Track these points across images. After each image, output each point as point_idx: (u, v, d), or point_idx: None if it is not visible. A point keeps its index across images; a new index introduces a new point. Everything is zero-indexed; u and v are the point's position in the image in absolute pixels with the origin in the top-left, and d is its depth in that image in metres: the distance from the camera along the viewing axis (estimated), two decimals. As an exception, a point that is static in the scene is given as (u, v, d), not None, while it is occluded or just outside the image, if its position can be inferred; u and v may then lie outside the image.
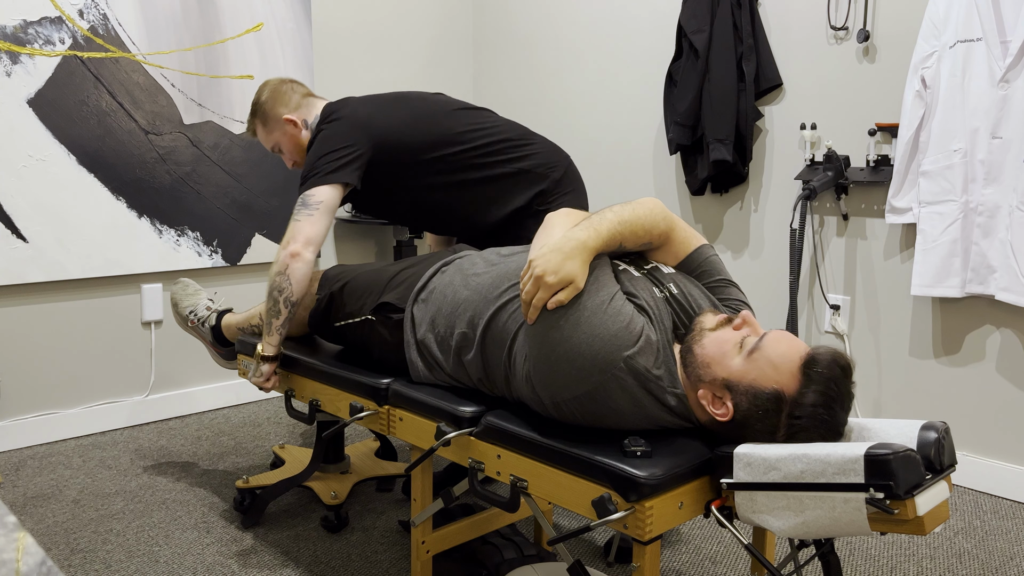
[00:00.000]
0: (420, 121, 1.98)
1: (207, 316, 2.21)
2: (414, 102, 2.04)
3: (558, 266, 1.31)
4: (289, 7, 3.13)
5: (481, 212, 2.04)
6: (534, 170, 2.04)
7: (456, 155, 1.99)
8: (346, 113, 1.97)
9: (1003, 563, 1.98)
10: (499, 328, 1.47)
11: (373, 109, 1.99)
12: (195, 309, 2.23)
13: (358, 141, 1.92)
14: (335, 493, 2.14)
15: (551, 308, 1.31)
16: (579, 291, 1.31)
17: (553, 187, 2.05)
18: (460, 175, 2.00)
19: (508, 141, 2.03)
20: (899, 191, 2.44)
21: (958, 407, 2.47)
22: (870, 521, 1.13)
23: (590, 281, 1.33)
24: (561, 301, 1.30)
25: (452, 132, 1.99)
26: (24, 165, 2.57)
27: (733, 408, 1.28)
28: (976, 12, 2.25)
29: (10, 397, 2.64)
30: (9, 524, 0.54)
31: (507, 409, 1.50)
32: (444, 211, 2.05)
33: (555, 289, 1.31)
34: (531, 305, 1.33)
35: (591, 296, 1.32)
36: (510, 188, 2.03)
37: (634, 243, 1.45)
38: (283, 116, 2.08)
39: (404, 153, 1.96)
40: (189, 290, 2.26)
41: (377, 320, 1.76)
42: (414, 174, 1.99)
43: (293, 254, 1.85)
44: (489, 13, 3.77)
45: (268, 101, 2.09)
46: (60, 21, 2.60)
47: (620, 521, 1.23)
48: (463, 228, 2.09)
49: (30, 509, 2.18)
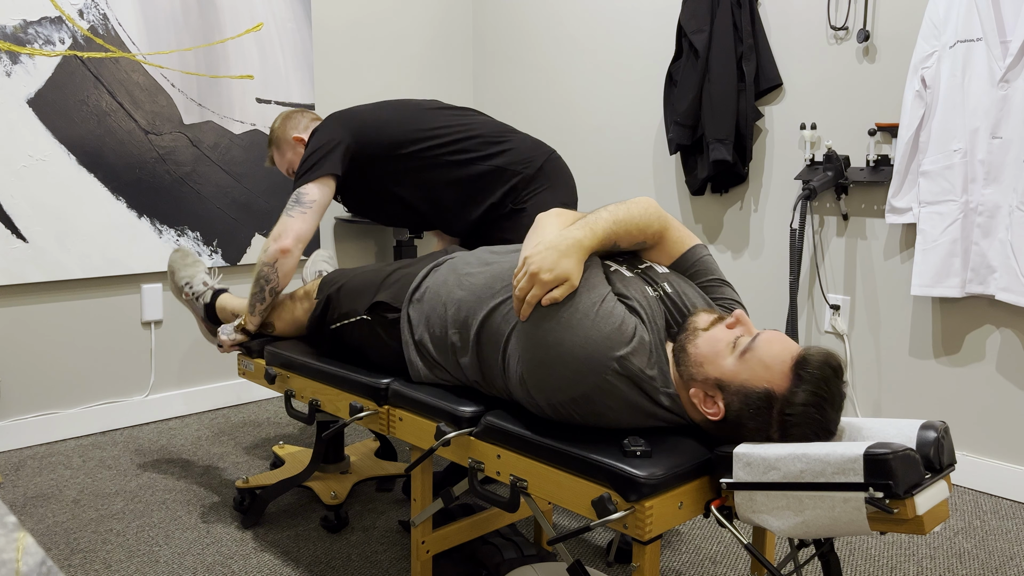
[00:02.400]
0: (397, 119, 2.07)
1: (203, 292, 2.23)
2: (397, 104, 2.13)
3: (553, 263, 1.31)
4: (289, 7, 3.13)
5: (456, 209, 2.09)
6: (508, 167, 2.07)
7: (428, 151, 2.05)
8: (333, 115, 2.10)
9: (1003, 563, 1.98)
10: (493, 330, 1.47)
11: (359, 110, 2.10)
12: (191, 282, 2.23)
13: (339, 134, 2.04)
14: (335, 493, 2.14)
15: (545, 305, 1.31)
16: (574, 289, 1.31)
17: (526, 184, 2.08)
18: (433, 171, 2.06)
19: (481, 137, 2.08)
20: (899, 191, 2.44)
21: (958, 407, 2.47)
22: (870, 521, 1.13)
23: (581, 283, 1.33)
24: (555, 299, 1.30)
25: (425, 128, 2.06)
26: (24, 165, 2.57)
27: (724, 408, 1.28)
28: (976, 12, 2.25)
29: (10, 397, 2.64)
30: (9, 524, 0.54)
31: (507, 409, 1.50)
32: (421, 208, 2.11)
33: (550, 287, 1.31)
34: (524, 302, 1.34)
35: (583, 298, 1.32)
36: (483, 185, 2.07)
37: (628, 242, 1.46)
38: (292, 136, 2.21)
39: (381, 148, 2.05)
40: (188, 259, 2.26)
41: (373, 319, 1.76)
42: (392, 170, 2.07)
43: (284, 250, 1.96)
44: (489, 13, 3.77)
45: (280, 127, 2.23)
46: (60, 21, 2.60)
47: (620, 521, 1.23)
48: (442, 225, 2.14)
49: (30, 509, 2.18)
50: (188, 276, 2.24)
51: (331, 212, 3.41)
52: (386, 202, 2.12)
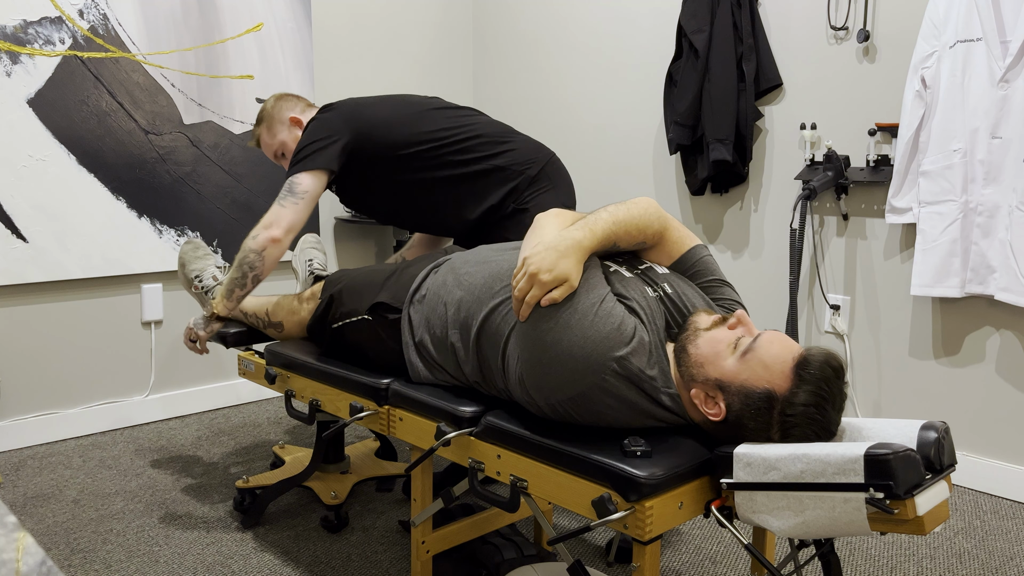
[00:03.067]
0: (399, 118, 2.05)
1: (212, 287, 2.21)
2: (398, 101, 2.10)
3: (553, 264, 1.31)
4: (289, 7, 3.13)
5: (456, 209, 2.08)
6: (509, 167, 2.07)
7: (430, 151, 2.04)
8: (335, 106, 2.07)
9: (1003, 563, 1.98)
10: (492, 330, 1.46)
11: (360, 105, 2.08)
12: (202, 276, 2.20)
13: (340, 130, 2.01)
14: (335, 493, 2.14)
15: (544, 306, 1.31)
16: (573, 290, 1.31)
17: (527, 185, 2.07)
18: (434, 171, 2.05)
19: (482, 137, 2.07)
20: (899, 191, 2.44)
21: (958, 407, 2.47)
22: (870, 521, 1.13)
23: (580, 283, 1.33)
24: (555, 299, 1.30)
25: (427, 129, 2.04)
26: (24, 165, 2.57)
27: (725, 408, 1.28)
28: (976, 12, 2.25)
29: (10, 397, 2.64)
30: (9, 524, 0.54)
31: (507, 409, 1.50)
32: (421, 207, 2.10)
33: (549, 287, 1.31)
34: (524, 302, 1.33)
35: (582, 298, 1.32)
36: (483, 185, 2.06)
37: (628, 243, 1.46)
38: (288, 116, 2.16)
39: (381, 147, 2.03)
40: (199, 252, 2.23)
41: (374, 320, 1.76)
42: (392, 169, 2.05)
43: (274, 239, 1.93)
44: (489, 13, 3.77)
45: (275, 106, 2.18)
46: (60, 21, 2.60)
47: (620, 521, 1.23)
48: (441, 226, 2.13)
49: (30, 509, 2.18)
50: (199, 269, 2.21)
51: (332, 212, 3.41)
52: (382, 200, 2.11)
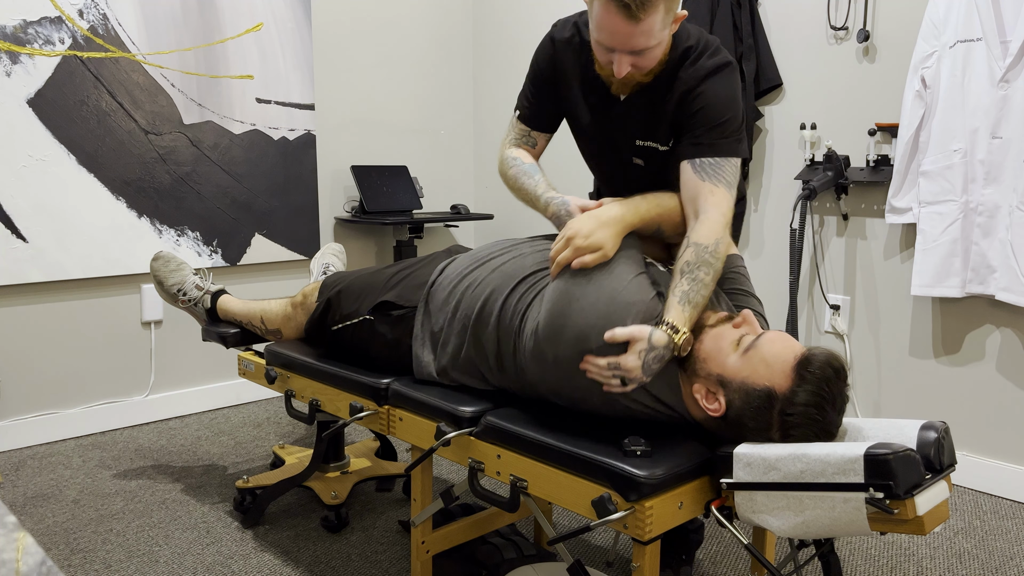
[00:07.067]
0: None
1: (199, 297, 2.17)
2: None
3: (590, 231, 1.36)
4: (289, 7, 3.13)
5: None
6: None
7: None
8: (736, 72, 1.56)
9: (1003, 563, 1.98)
10: (516, 299, 1.49)
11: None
12: (183, 287, 2.17)
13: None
14: (335, 493, 2.14)
15: (574, 268, 1.35)
16: (607, 259, 1.35)
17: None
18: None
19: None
20: (899, 191, 2.44)
21: (958, 407, 2.47)
22: (870, 521, 1.13)
23: (620, 258, 1.37)
24: (586, 264, 1.34)
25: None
26: (24, 165, 2.57)
27: (726, 405, 1.29)
28: (976, 12, 2.24)
29: (10, 397, 2.64)
30: (9, 524, 0.54)
31: (507, 409, 1.50)
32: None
33: (583, 252, 1.35)
34: (556, 262, 1.38)
35: (621, 266, 1.36)
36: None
37: (672, 229, 1.50)
38: (679, 13, 1.46)
39: None
40: (171, 265, 2.18)
41: (376, 319, 1.76)
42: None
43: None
44: (489, 13, 3.77)
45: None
46: (60, 21, 2.60)
47: (620, 521, 1.23)
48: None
49: (30, 509, 2.18)
50: (178, 282, 2.17)
51: (331, 212, 3.41)
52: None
